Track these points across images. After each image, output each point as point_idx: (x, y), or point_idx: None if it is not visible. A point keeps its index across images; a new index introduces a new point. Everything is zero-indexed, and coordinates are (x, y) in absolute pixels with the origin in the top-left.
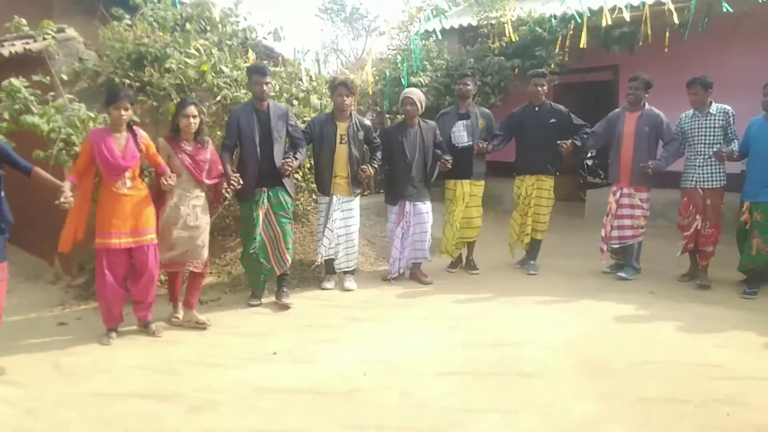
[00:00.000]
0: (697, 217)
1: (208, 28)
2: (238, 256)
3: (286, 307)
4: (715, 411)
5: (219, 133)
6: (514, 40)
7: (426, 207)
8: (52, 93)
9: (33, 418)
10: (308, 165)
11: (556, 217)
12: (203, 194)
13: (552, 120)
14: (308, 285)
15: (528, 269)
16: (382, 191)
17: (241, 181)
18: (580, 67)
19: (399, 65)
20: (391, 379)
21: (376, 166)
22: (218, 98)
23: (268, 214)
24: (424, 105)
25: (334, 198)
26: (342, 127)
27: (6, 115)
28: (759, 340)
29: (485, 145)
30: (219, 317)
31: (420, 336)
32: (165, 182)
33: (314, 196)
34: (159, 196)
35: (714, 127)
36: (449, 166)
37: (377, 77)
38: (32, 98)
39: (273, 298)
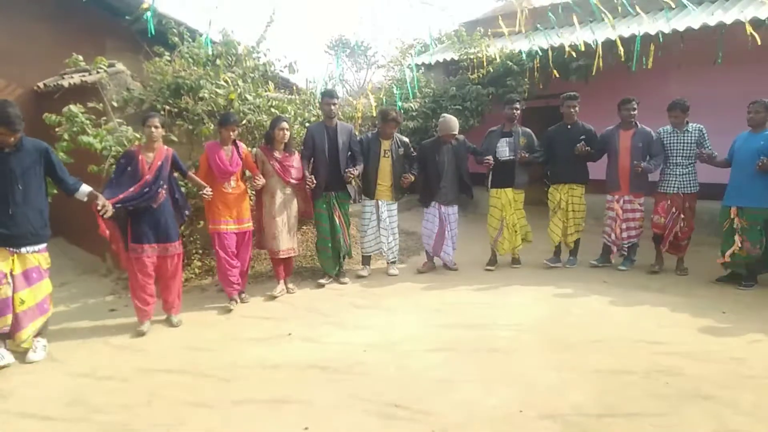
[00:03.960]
0: (681, 216)
1: (234, 62)
2: (257, 253)
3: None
4: (657, 380)
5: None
6: (489, 71)
7: (455, 209)
8: (104, 117)
9: (91, 389)
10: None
11: (527, 218)
12: (291, 192)
13: (582, 137)
14: (318, 278)
15: (568, 264)
16: (407, 194)
17: (315, 181)
18: (544, 94)
19: (394, 93)
20: (388, 355)
21: (414, 173)
22: (243, 122)
23: (337, 212)
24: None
25: (380, 202)
26: (386, 144)
27: (66, 136)
28: (693, 321)
29: (526, 155)
30: (242, 305)
31: (412, 319)
32: (255, 182)
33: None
34: (259, 195)
35: (690, 142)
36: (490, 163)
37: (376, 103)
38: (87, 122)
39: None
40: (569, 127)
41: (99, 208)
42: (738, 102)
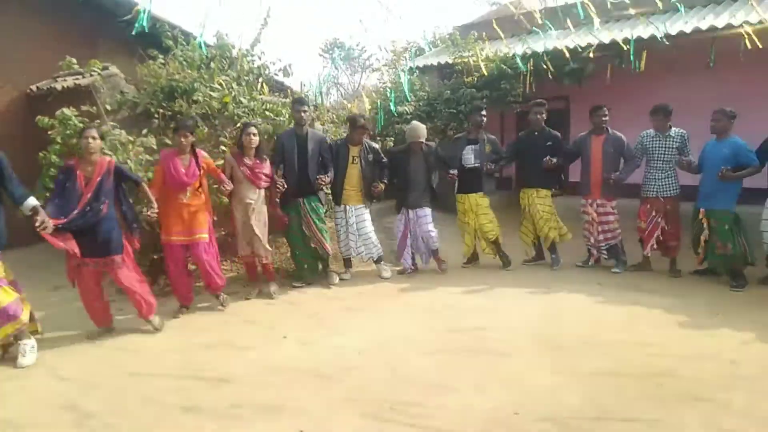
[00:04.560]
0: (660, 220)
1: (229, 66)
2: None
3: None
4: (651, 382)
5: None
6: (484, 74)
7: (425, 211)
8: (97, 121)
9: (84, 394)
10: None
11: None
12: (261, 198)
13: (549, 143)
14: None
15: (552, 265)
16: (380, 200)
17: (285, 184)
18: (538, 97)
19: (388, 96)
20: (382, 358)
21: (386, 181)
22: (238, 125)
23: (306, 218)
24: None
25: (348, 207)
26: (354, 150)
27: (59, 140)
28: (686, 322)
29: (492, 168)
30: (237, 307)
31: (406, 322)
32: (223, 188)
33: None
34: (230, 201)
35: (672, 147)
36: (455, 178)
37: (371, 106)
38: (81, 125)
39: (286, 292)
40: (537, 133)
41: (38, 224)
42: (730, 105)
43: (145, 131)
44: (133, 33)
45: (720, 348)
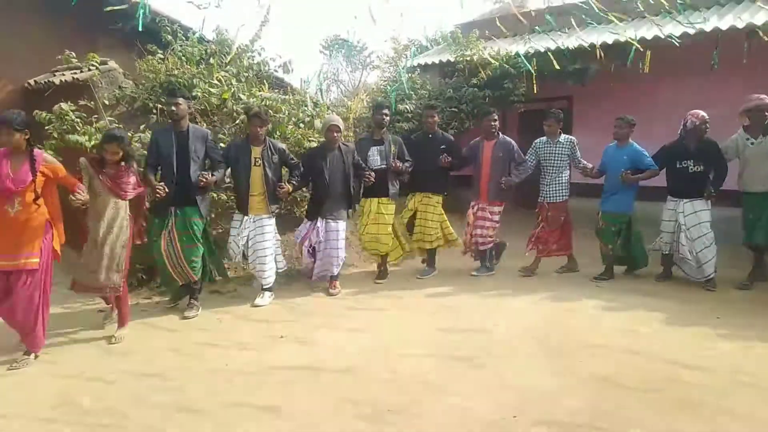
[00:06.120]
0: (542, 224)
1: (228, 61)
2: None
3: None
4: (653, 387)
5: None
6: (488, 74)
7: (337, 225)
8: (95, 116)
9: (76, 390)
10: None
11: (521, 224)
12: (120, 215)
13: (442, 146)
14: (307, 282)
15: (422, 275)
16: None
17: (167, 189)
18: (541, 97)
19: (389, 94)
20: (381, 359)
21: (294, 183)
22: (237, 122)
23: (171, 232)
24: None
25: (246, 218)
26: (256, 151)
27: (55, 134)
28: (687, 327)
29: (401, 165)
30: (234, 307)
31: (405, 323)
32: (72, 198)
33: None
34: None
35: (562, 154)
36: (372, 179)
37: (370, 104)
38: (78, 120)
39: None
40: (430, 136)
41: None
42: (734, 108)
43: (142, 127)
44: (139, 29)
45: (722, 353)
